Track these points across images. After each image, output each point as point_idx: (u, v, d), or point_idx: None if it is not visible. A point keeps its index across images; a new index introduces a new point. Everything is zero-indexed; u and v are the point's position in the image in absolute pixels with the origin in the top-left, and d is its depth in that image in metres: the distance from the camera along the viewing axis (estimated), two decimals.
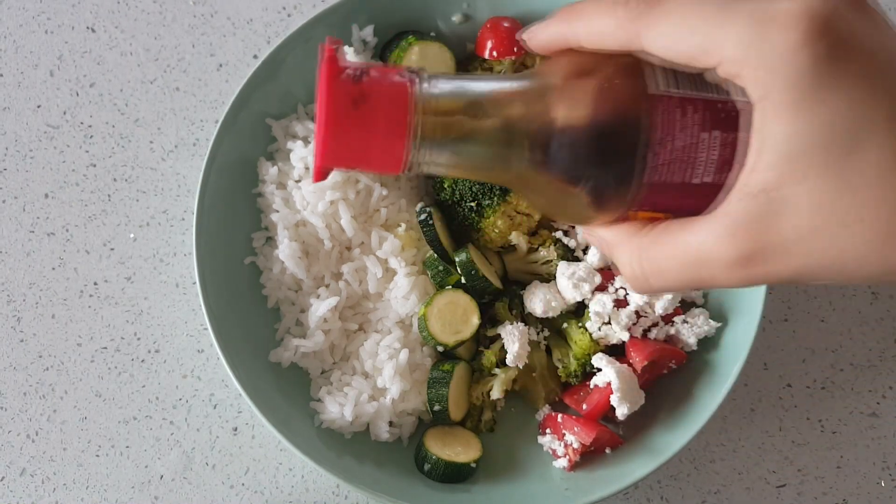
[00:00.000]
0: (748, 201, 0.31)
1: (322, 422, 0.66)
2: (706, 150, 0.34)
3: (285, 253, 0.67)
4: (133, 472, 0.73)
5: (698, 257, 0.32)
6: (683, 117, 0.34)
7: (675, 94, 0.34)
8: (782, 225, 0.30)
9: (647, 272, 0.35)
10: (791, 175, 0.30)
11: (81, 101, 0.82)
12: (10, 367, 0.75)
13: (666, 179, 0.34)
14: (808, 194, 0.30)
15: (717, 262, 0.32)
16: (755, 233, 0.31)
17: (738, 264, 0.31)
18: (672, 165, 0.34)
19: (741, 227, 0.31)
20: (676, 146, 0.34)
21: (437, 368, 0.67)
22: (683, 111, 0.34)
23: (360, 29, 0.73)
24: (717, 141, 0.33)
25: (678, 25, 0.31)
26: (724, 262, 0.32)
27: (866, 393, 0.74)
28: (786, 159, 0.30)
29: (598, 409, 0.65)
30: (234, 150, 0.69)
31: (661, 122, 0.34)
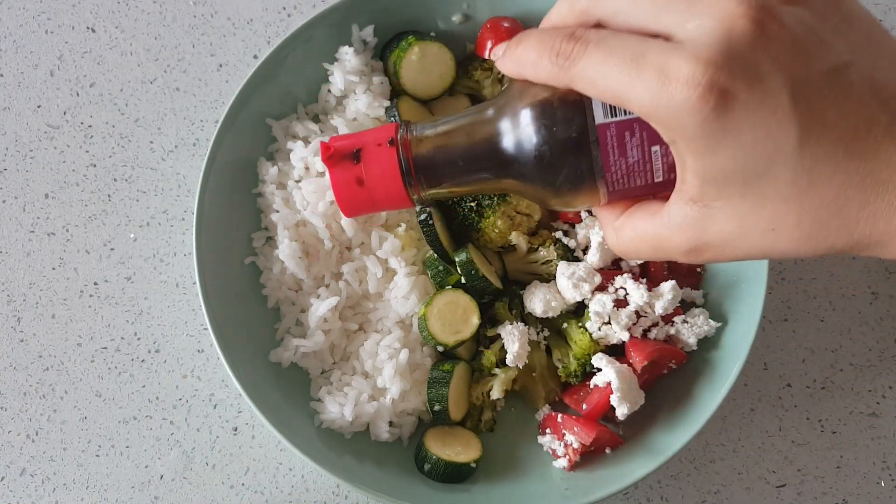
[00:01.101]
0: (685, 207, 0.38)
1: (322, 422, 0.66)
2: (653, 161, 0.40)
3: (285, 253, 0.67)
4: (133, 472, 0.73)
5: (658, 243, 0.40)
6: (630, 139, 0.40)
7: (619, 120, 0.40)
8: (712, 229, 0.38)
9: (623, 248, 0.43)
10: (710, 195, 0.37)
11: (81, 101, 0.82)
12: (10, 367, 0.75)
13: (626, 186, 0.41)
14: (728, 209, 0.36)
15: (672, 248, 0.40)
16: (694, 232, 0.38)
17: (687, 252, 0.39)
18: (628, 176, 0.41)
19: (683, 227, 0.38)
20: (628, 164, 0.40)
21: (437, 368, 0.67)
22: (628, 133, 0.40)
23: (360, 29, 0.73)
24: (659, 152, 0.40)
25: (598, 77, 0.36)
26: (676, 249, 0.39)
27: (866, 393, 0.74)
28: (702, 184, 0.36)
29: (598, 409, 0.65)
30: (234, 150, 0.69)
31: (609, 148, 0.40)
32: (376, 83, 0.72)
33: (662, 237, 0.40)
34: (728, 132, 0.34)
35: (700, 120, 0.34)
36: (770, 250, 0.37)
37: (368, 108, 0.70)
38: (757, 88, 0.34)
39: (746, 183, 0.35)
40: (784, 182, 0.35)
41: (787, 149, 0.34)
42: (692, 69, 0.33)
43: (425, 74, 0.72)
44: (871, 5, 0.84)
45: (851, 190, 0.35)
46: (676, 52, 0.34)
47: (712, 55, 0.33)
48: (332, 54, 0.72)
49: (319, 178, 0.68)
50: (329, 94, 0.73)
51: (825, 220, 0.35)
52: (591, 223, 0.70)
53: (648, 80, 0.34)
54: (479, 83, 0.74)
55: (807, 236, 0.36)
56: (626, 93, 0.35)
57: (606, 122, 0.40)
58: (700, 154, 0.35)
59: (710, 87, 0.33)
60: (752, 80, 0.34)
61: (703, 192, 0.37)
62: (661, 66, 0.34)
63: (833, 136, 0.34)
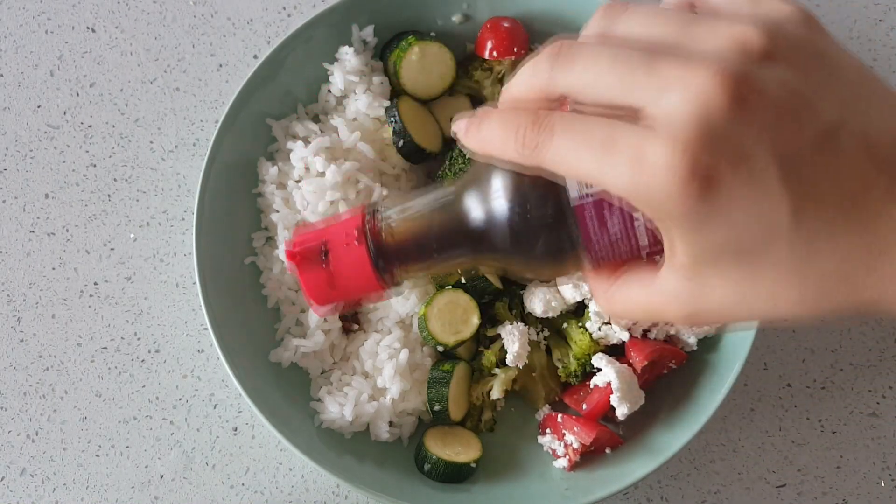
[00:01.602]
0: (678, 280, 0.36)
1: (322, 422, 0.66)
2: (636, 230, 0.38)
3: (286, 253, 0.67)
4: (133, 472, 0.73)
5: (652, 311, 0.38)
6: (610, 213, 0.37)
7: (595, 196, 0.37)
8: (709, 300, 0.35)
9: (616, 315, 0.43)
10: (703, 269, 0.34)
11: (81, 101, 0.82)
12: (10, 367, 0.75)
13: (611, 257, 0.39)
14: (724, 281, 0.34)
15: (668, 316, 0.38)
16: (691, 303, 0.36)
17: (683, 319, 0.37)
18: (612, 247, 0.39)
19: (679, 298, 0.36)
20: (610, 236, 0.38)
21: (437, 368, 0.67)
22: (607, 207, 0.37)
23: (360, 29, 0.73)
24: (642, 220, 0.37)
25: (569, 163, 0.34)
26: (672, 317, 0.37)
27: (866, 393, 0.74)
28: (693, 260, 0.34)
29: (598, 409, 0.65)
30: (234, 150, 0.69)
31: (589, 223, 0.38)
32: (376, 83, 0.72)
33: (657, 306, 0.38)
34: (716, 215, 0.32)
35: (685, 208, 0.32)
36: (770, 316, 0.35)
37: (368, 108, 0.70)
38: (742, 168, 0.31)
39: (741, 260, 0.33)
40: (782, 258, 0.33)
41: (781, 226, 0.32)
42: (670, 155, 0.31)
43: (425, 74, 0.72)
44: (872, 5, 0.84)
45: (854, 259, 0.33)
46: (650, 136, 0.31)
47: (690, 137, 0.31)
48: (332, 54, 0.72)
49: (319, 178, 0.68)
50: (329, 94, 0.73)
51: (829, 290, 0.34)
52: None
53: (622, 168, 0.32)
54: (479, 83, 0.74)
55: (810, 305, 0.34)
56: (601, 174, 0.33)
57: (582, 202, 0.37)
58: (689, 236, 0.33)
59: (691, 173, 0.31)
60: (735, 159, 0.31)
61: (695, 266, 0.35)
62: (636, 153, 0.32)
63: (829, 206, 0.32)
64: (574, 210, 0.37)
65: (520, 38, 0.73)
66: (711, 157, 0.31)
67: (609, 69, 0.33)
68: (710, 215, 0.32)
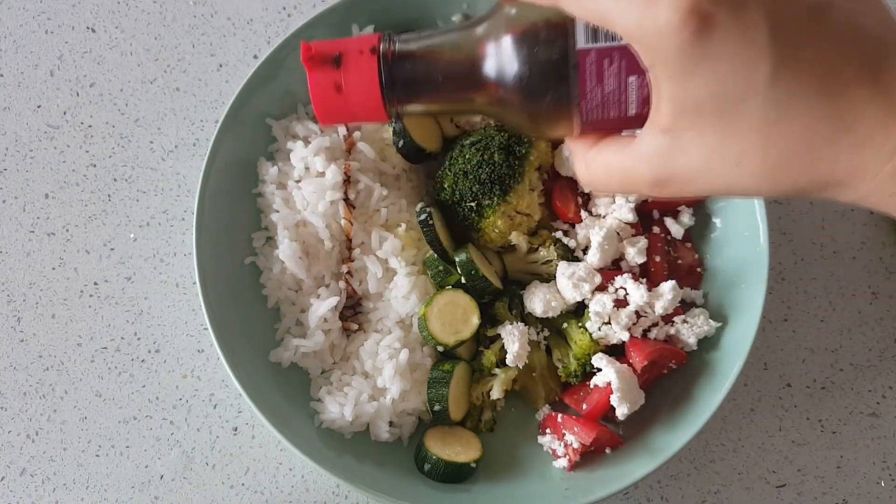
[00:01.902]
0: (655, 137, 0.38)
1: (322, 422, 0.66)
2: (628, 91, 0.40)
3: (285, 253, 0.67)
4: (133, 472, 0.73)
5: (626, 174, 0.41)
6: (609, 66, 0.40)
7: (600, 46, 0.40)
8: (680, 161, 0.38)
9: (592, 179, 0.44)
10: (682, 125, 0.37)
11: (81, 101, 0.82)
12: (10, 367, 0.75)
13: (600, 117, 0.42)
14: (698, 140, 0.37)
15: (639, 179, 0.40)
16: (662, 163, 0.38)
17: (653, 184, 0.39)
18: (603, 106, 0.41)
19: (652, 157, 0.39)
20: (604, 92, 0.41)
21: (437, 368, 0.67)
22: (607, 61, 0.40)
23: (360, 29, 0.73)
24: (635, 83, 0.40)
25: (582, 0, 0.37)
26: (643, 181, 0.40)
27: (866, 393, 0.74)
28: (675, 113, 0.37)
29: (598, 409, 0.65)
30: (234, 150, 0.69)
31: (588, 74, 0.40)
32: None
33: (630, 168, 0.40)
34: (705, 58, 0.35)
35: (680, 43, 0.34)
36: (734, 185, 0.38)
37: None
38: (738, 17, 0.34)
39: (718, 113, 0.36)
40: (754, 114, 0.35)
41: (760, 81, 0.35)
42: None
43: None
44: None
45: (818, 127, 0.35)
46: None
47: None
48: None
49: (319, 178, 0.68)
50: None
51: (789, 157, 0.36)
52: (590, 223, 0.70)
53: (633, 5, 0.35)
54: None
55: (770, 172, 0.37)
56: (611, 12, 0.36)
57: (587, 48, 0.40)
58: (676, 79, 0.36)
59: (691, 11, 0.34)
60: (733, 8, 0.34)
61: (675, 121, 0.37)
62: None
63: (806, 73, 0.35)
64: (577, 53, 0.40)
65: None
66: (710, 6, 0.34)
67: None
68: (701, 58, 0.35)
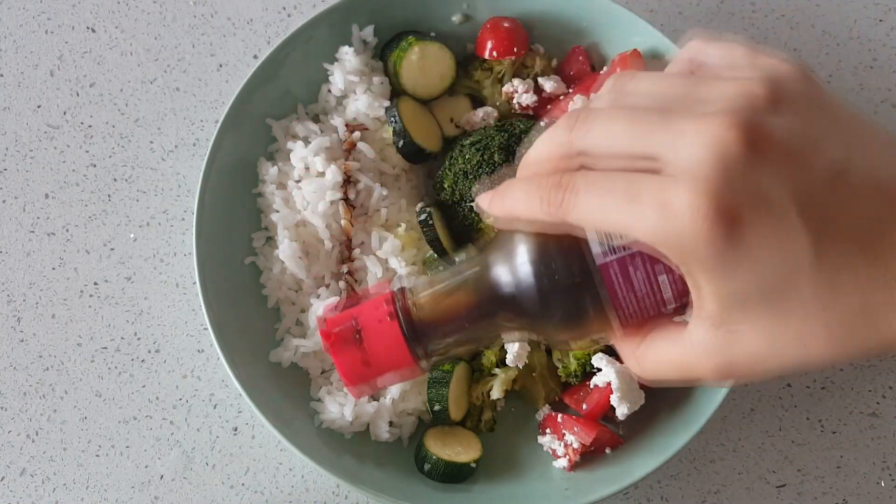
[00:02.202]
0: (707, 331, 0.36)
1: (322, 422, 0.66)
2: (662, 290, 0.39)
3: (285, 253, 0.67)
4: (133, 472, 0.73)
5: (684, 369, 0.38)
6: (635, 273, 0.38)
7: (619, 256, 0.38)
8: (740, 351, 0.36)
9: (648, 377, 0.41)
10: (733, 319, 0.35)
11: (81, 101, 0.82)
12: (10, 367, 0.75)
13: (639, 317, 0.40)
14: (753, 330, 0.35)
15: (700, 373, 0.38)
16: (722, 356, 0.36)
17: (717, 373, 0.37)
18: (640, 309, 0.39)
19: (710, 351, 0.36)
20: (637, 297, 0.39)
21: (437, 368, 0.67)
22: (632, 268, 0.38)
23: (360, 29, 0.73)
24: (667, 280, 0.38)
25: (594, 214, 0.35)
26: (705, 373, 0.37)
27: (866, 393, 0.74)
28: (723, 308, 0.35)
29: (598, 409, 0.65)
30: (234, 150, 0.69)
31: (616, 285, 0.38)
32: (376, 83, 0.72)
33: (688, 363, 0.38)
34: (743, 255, 0.33)
35: (713, 249, 0.33)
36: (803, 363, 0.36)
37: (368, 108, 0.70)
38: (763, 207, 0.33)
39: (768, 301, 0.34)
40: (807, 296, 0.34)
41: (804, 263, 0.33)
42: (695, 199, 0.32)
43: (425, 74, 0.72)
44: (872, 5, 0.84)
45: (877, 294, 0.34)
46: (672, 182, 0.33)
47: (712, 183, 0.32)
48: (332, 54, 0.72)
49: (319, 178, 0.68)
50: (329, 94, 0.73)
51: (855, 327, 0.34)
52: None
53: (648, 214, 0.34)
54: (479, 83, 0.74)
55: (838, 345, 0.35)
56: (626, 220, 0.34)
57: (607, 261, 0.38)
58: (717, 280, 0.34)
59: (717, 215, 0.32)
60: (756, 200, 0.33)
61: (724, 316, 0.35)
62: (660, 199, 0.33)
63: (847, 242, 0.34)
64: (599, 268, 0.38)
65: (520, 38, 0.73)
66: (733, 198, 0.32)
67: (626, 125, 0.35)
68: (737, 257, 0.33)
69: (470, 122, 0.72)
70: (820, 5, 0.84)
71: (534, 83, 0.73)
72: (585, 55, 0.74)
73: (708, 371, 0.37)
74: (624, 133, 0.35)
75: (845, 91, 0.82)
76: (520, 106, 0.72)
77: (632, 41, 0.71)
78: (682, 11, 0.84)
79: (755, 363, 0.36)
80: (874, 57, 0.83)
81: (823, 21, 0.84)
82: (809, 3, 0.84)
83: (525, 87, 0.72)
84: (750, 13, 0.84)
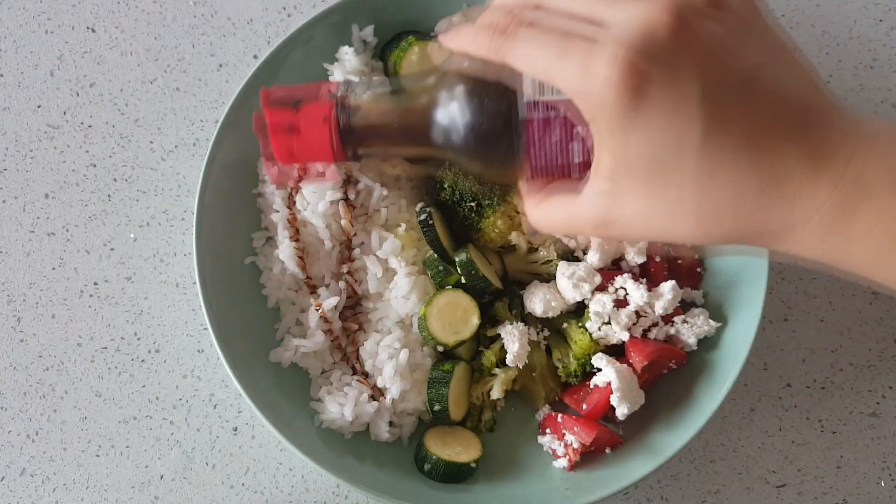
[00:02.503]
0: (599, 183, 0.41)
1: (322, 422, 0.66)
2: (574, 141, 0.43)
3: (285, 253, 0.67)
4: (133, 472, 0.73)
5: (572, 217, 0.44)
6: (555, 119, 0.43)
7: (545, 99, 0.43)
8: (619, 207, 0.41)
9: (541, 222, 0.47)
10: (621, 174, 0.40)
11: (81, 101, 0.82)
12: (10, 367, 0.75)
13: (547, 163, 0.45)
14: (634, 190, 0.40)
15: (583, 222, 0.43)
16: (604, 208, 0.42)
17: (596, 225, 0.43)
18: (550, 154, 0.44)
19: (595, 202, 0.42)
20: (551, 141, 0.43)
21: (437, 368, 0.67)
22: (553, 112, 0.43)
23: (360, 29, 0.73)
24: (580, 133, 0.43)
25: (530, 55, 0.40)
26: (587, 221, 0.43)
27: (866, 393, 0.74)
28: (615, 163, 0.40)
29: (598, 409, 0.65)
30: (234, 150, 0.69)
31: (535, 125, 0.43)
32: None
33: (576, 212, 0.43)
34: (642, 114, 0.37)
35: (618, 99, 0.37)
36: (669, 234, 0.41)
37: None
38: (672, 78, 0.37)
39: (654, 166, 0.39)
40: (688, 171, 0.38)
41: (693, 140, 0.37)
42: (615, 51, 0.37)
43: None
44: (872, 5, 0.84)
45: (749, 182, 0.38)
46: (599, 48, 0.37)
47: (635, 41, 0.37)
48: (332, 54, 0.72)
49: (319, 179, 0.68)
50: None
51: (721, 209, 0.39)
52: None
53: (575, 58, 0.38)
54: None
55: (703, 222, 0.40)
56: (554, 69, 0.39)
57: (534, 101, 0.43)
58: (615, 133, 0.38)
59: (630, 69, 0.36)
60: (668, 69, 0.37)
61: (615, 171, 0.40)
62: (585, 60, 0.38)
63: (739, 139, 0.38)
64: (522, 121, 0.43)
65: None
66: (649, 62, 0.37)
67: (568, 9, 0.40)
68: (635, 123, 0.38)
69: None
70: (820, 5, 0.84)
71: None
72: None
73: (590, 219, 0.43)
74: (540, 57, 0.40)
75: (845, 91, 0.82)
76: None
77: None
78: None
79: (628, 222, 0.41)
80: (874, 57, 0.83)
81: (823, 21, 0.84)
82: (809, 3, 0.84)
83: None
84: None
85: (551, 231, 0.46)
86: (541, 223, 0.47)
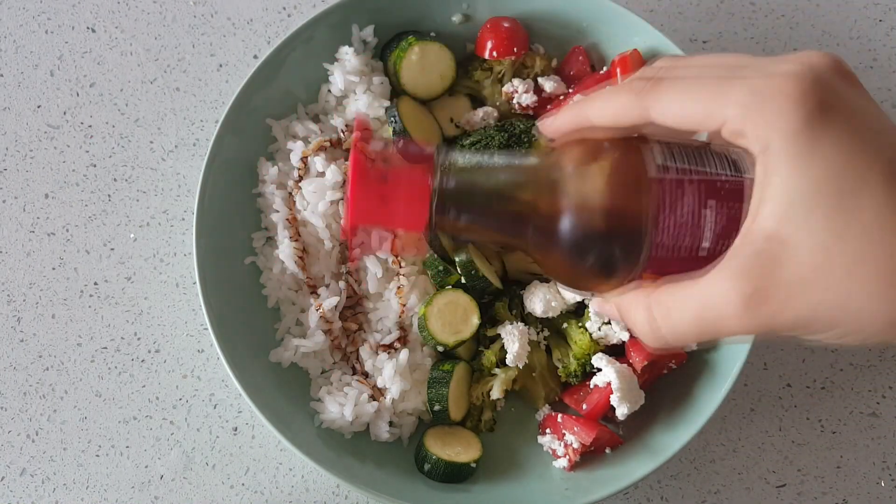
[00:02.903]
0: (750, 247, 0.32)
1: (322, 422, 0.66)
2: (707, 222, 0.36)
3: (285, 253, 0.67)
4: (133, 472, 0.73)
5: (706, 304, 0.33)
6: (683, 196, 0.36)
7: (674, 176, 0.36)
8: (784, 267, 0.32)
9: (660, 325, 0.36)
10: (792, 220, 0.32)
11: (81, 101, 0.82)
12: (10, 367, 0.75)
13: (670, 252, 0.37)
14: (809, 237, 0.31)
15: (725, 307, 0.33)
16: (758, 275, 0.32)
17: (743, 306, 0.32)
18: (676, 239, 0.36)
19: (744, 272, 0.32)
20: (678, 222, 0.36)
21: (437, 368, 0.67)
22: (683, 190, 0.36)
23: (360, 29, 0.73)
24: (716, 212, 0.36)
25: (683, 96, 0.34)
26: (731, 305, 0.33)
27: (866, 393, 0.74)
28: (786, 206, 0.32)
29: (598, 409, 0.65)
30: (234, 150, 0.69)
31: (661, 202, 0.36)
32: (376, 83, 0.72)
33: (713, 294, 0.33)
34: (829, 133, 0.32)
35: (805, 116, 0.32)
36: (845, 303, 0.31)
37: (368, 108, 0.70)
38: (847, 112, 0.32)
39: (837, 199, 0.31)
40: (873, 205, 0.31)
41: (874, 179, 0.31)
42: (796, 68, 0.33)
43: (425, 74, 0.72)
44: (872, 5, 0.84)
45: None
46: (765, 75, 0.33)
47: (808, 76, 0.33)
48: (332, 54, 0.72)
49: (319, 178, 0.68)
50: (329, 94, 0.73)
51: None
52: None
53: (740, 90, 0.33)
54: (479, 83, 0.74)
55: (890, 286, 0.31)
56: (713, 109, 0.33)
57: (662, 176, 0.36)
58: (794, 162, 0.32)
59: (816, 82, 0.32)
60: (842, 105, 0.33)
61: (783, 218, 0.32)
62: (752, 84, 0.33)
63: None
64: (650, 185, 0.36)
65: (520, 38, 0.73)
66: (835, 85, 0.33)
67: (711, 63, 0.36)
68: (822, 140, 0.31)
69: (470, 122, 0.73)
70: (820, 5, 0.84)
71: (534, 83, 0.73)
72: (585, 55, 0.74)
73: (734, 303, 0.32)
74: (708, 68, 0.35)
75: None
76: (520, 106, 0.72)
77: (632, 41, 0.71)
78: (682, 11, 0.84)
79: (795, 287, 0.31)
80: (874, 57, 0.83)
81: (823, 21, 0.84)
82: (809, 3, 0.84)
83: (525, 87, 0.72)
84: (750, 13, 0.84)
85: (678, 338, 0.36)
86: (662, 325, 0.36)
